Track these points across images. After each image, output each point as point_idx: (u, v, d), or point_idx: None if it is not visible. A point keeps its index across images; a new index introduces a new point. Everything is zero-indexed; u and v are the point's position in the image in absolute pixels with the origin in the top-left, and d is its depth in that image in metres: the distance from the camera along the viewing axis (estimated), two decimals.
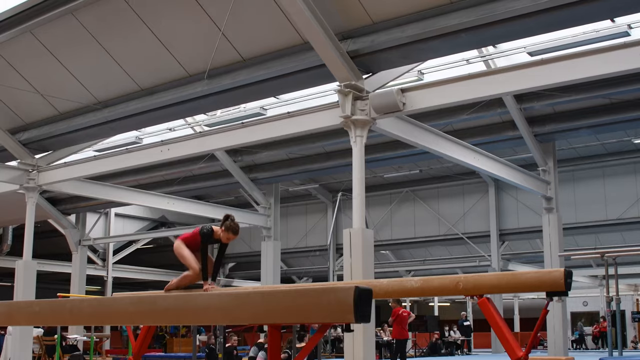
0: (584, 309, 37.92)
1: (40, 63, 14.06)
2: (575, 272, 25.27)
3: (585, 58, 9.88)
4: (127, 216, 30.26)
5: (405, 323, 15.50)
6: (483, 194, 25.94)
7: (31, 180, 16.41)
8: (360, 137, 10.90)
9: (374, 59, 11.05)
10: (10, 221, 25.79)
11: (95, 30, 12.92)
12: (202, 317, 4.05)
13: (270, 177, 21.78)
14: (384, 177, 26.23)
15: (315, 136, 17.40)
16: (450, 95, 10.96)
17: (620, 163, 23.29)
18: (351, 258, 10.50)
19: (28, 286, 16.13)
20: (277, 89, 13.42)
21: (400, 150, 18.35)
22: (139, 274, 32.10)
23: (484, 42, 12.03)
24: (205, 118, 18.71)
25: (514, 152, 20.69)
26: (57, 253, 29.11)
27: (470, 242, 26.40)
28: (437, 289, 6.41)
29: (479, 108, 15.53)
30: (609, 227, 23.78)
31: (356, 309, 3.23)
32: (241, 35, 11.97)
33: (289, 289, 3.71)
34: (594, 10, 9.37)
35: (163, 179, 22.56)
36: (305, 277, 32.91)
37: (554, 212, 17.16)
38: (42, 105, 15.23)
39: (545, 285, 5.29)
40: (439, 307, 37.31)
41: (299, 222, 30.71)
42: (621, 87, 14.46)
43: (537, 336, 5.69)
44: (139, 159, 15.46)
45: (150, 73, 13.51)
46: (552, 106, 16.66)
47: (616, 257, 16.36)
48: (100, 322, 4.77)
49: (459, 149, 13.69)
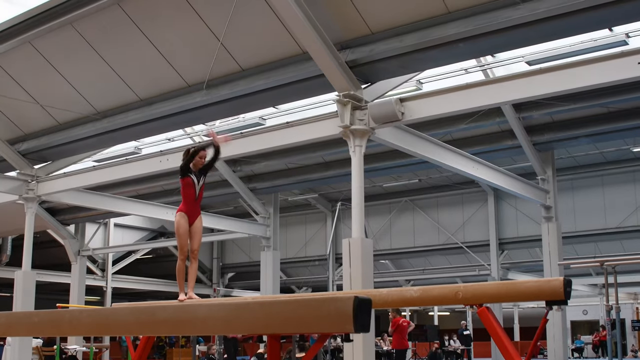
0: (584, 318, 37.85)
1: (39, 74, 14.08)
2: (575, 281, 25.13)
3: (584, 67, 9.90)
4: (127, 226, 30.20)
5: (405, 333, 15.45)
6: (482, 203, 25.92)
7: (30, 190, 16.42)
8: (359, 146, 10.91)
9: (372, 68, 11.08)
10: (10, 231, 25.75)
11: (95, 41, 12.94)
12: (201, 327, 4.05)
13: (270, 187, 21.77)
14: (383, 186, 26.22)
15: (314, 146, 17.39)
16: (449, 104, 10.98)
17: (619, 172, 23.26)
18: (350, 268, 10.49)
19: (27, 296, 16.11)
20: (276, 98, 13.43)
21: (399, 160, 18.35)
22: (138, 284, 32.03)
23: (482, 52, 12.05)
24: (204, 128, 18.71)
25: (513, 161, 20.69)
26: (56, 263, 29.06)
27: (469, 251, 26.36)
28: (437, 298, 6.43)
29: (477, 117, 15.53)
30: (609, 235, 23.73)
31: (355, 319, 3.23)
32: (240, 46, 12.00)
33: (288, 299, 3.71)
34: (592, 20, 9.41)
35: (162, 189, 22.52)
36: (304, 287, 32.83)
37: (553, 221, 17.14)
38: (41, 115, 15.24)
39: (545, 294, 5.30)
40: (439, 316, 37.22)
41: (299, 231, 30.67)
42: (619, 95, 14.46)
43: (537, 345, 5.69)
44: (138, 169, 15.47)
45: (149, 83, 13.53)
46: (551, 115, 16.67)
47: (616, 266, 16.25)
48: (99, 333, 4.75)
49: (458, 158, 13.69)
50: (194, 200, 7.46)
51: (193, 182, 7.43)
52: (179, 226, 7.37)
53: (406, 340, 15.61)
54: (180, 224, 7.36)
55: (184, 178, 7.42)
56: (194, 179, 7.44)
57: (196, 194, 7.44)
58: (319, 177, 21.06)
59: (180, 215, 7.40)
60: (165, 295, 33.48)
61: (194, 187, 7.43)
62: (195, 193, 7.44)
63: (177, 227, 7.38)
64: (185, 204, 7.45)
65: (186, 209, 7.43)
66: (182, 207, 7.44)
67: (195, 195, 7.44)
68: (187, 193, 7.43)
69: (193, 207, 7.47)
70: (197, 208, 7.54)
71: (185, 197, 7.46)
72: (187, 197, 7.45)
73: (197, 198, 7.47)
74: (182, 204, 7.47)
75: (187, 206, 7.44)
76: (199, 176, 7.49)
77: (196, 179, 7.45)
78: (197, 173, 7.48)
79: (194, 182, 7.43)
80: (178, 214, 7.42)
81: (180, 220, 7.37)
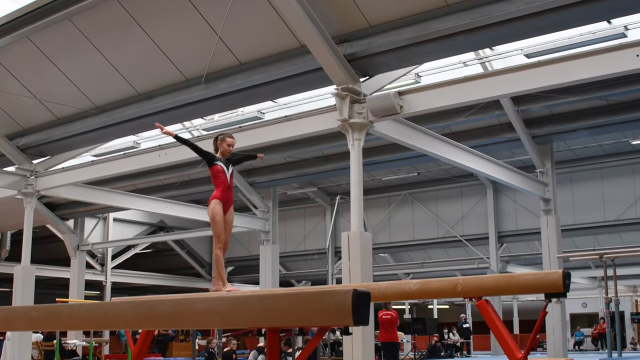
0: (583, 311, 37.91)
1: (37, 68, 14.06)
2: (574, 274, 25.19)
3: (582, 60, 9.89)
4: (126, 221, 30.22)
5: (389, 326, 15.25)
6: (481, 196, 25.95)
7: (29, 185, 16.41)
8: (357, 140, 10.91)
9: (370, 62, 11.07)
10: (9, 226, 25.75)
11: (93, 36, 12.92)
12: (200, 321, 4.05)
13: (269, 180, 21.79)
14: (382, 180, 26.25)
15: (313, 139, 17.39)
16: (447, 97, 10.97)
17: (618, 164, 23.29)
18: (350, 261, 10.49)
19: (26, 291, 16.11)
20: (274, 92, 13.42)
21: (398, 153, 18.36)
22: (137, 279, 32.05)
23: (480, 45, 12.04)
24: (202, 122, 18.71)
25: (511, 154, 20.70)
26: (55, 258, 29.07)
27: (468, 244, 26.40)
28: (436, 291, 6.42)
29: (476, 110, 15.53)
30: (608, 228, 23.77)
31: (355, 312, 3.23)
32: (238, 39, 11.98)
33: (287, 292, 3.71)
34: (591, 12, 9.39)
35: (161, 184, 22.54)
36: (304, 280, 32.88)
37: (552, 213, 17.16)
38: (39, 110, 15.22)
39: (544, 287, 5.30)
40: (438, 309, 37.26)
41: (298, 225, 30.70)
42: (618, 88, 14.48)
43: (536, 338, 5.69)
44: (136, 164, 15.46)
45: (147, 78, 13.51)
46: (550, 108, 16.68)
47: (615, 258, 16.36)
48: (98, 327, 4.76)
49: (456, 151, 13.70)
50: (227, 187, 7.24)
51: (222, 168, 7.23)
52: (215, 214, 7.14)
53: (391, 333, 15.39)
54: (216, 211, 7.15)
55: (212, 167, 7.23)
56: (222, 165, 7.24)
57: (228, 180, 7.23)
58: (317, 171, 21.08)
59: (215, 203, 7.18)
60: (164, 289, 33.53)
61: (225, 173, 7.23)
62: (227, 179, 7.23)
63: (213, 214, 7.15)
64: (219, 191, 7.22)
65: (220, 196, 7.21)
66: (217, 194, 7.21)
67: (227, 182, 7.22)
68: (219, 180, 7.21)
69: (227, 195, 7.25)
70: (230, 196, 7.32)
71: (217, 184, 7.23)
72: (219, 185, 7.22)
73: (230, 185, 7.26)
74: (216, 191, 7.22)
75: (221, 193, 7.22)
76: (227, 164, 7.29)
77: (224, 166, 7.25)
78: (225, 162, 7.30)
79: (223, 169, 7.23)
80: (213, 202, 7.20)
81: (216, 207, 7.16)
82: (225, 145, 7.31)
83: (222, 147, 7.31)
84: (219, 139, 7.36)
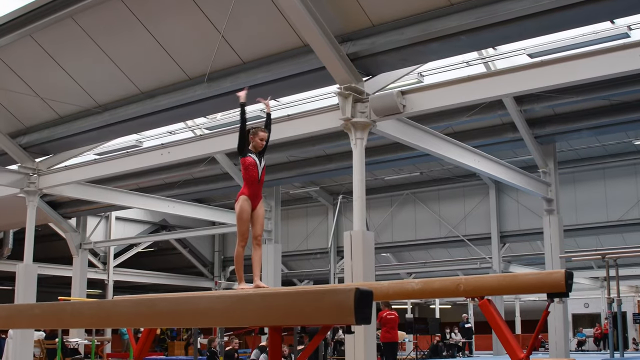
0: (585, 311, 37.86)
1: (40, 67, 14.07)
2: (576, 274, 25.22)
3: (585, 59, 9.89)
4: (128, 219, 30.23)
5: (391, 326, 15.25)
6: (484, 196, 25.92)
7: (32, 184, 16.42)
8: (360, 139, 10.90)
9: (373, 61, 11.07)
10: (11, 225, 25.78)
11: (95, 34, 12.93)
12: (202, 319, 4.04)
13: (271, 180, 21.72)
14: (385, 179, 26.22)
15: (315, 139, 17.38)
16: (450, 97, 10.97)
17: (620, 164, 23.25)
18: (352, 260, 10.49)
19: (29, 290, 16.13)
20: (277, 91, 13.41)
21: (401, 153, 18.33)
22: (139, 278, 32.07)
23: (483, 44, 12.02)
24: (205, 121, 18.70)
25: (514, 154, 20.68)
26: (57, 257, 29.09)
27: (471, 244, 26.37)
28: (438, 290, 6.43)
29: (479, 110, 15.51)
30: (610, 228, 23.73)
31: (357, 311, 3.23)
32: (241, 38, 11.98)
33: (289, 290, 3.70)
34: (594, 12, 9.38)
35: (163, 182, 22.53)
36: (306, 279, 32.86)
37: (554, 213, 17.14)
38: (42, 108, 15.24)
39: (546, 287, 5.29)
40: (440, 309, 37.23)
41: (300, 224, 30.68)
42: (621, 88, 14.44)
43: (538, 338, 5.69)
44: (139, 162, 15.47)
45: (150, 76, 13.52)
46: (553, 108, 16.65)
47: (617, 259, 16.35)
48: (100, 325, 4.77)
49: (459, 151, 13.69)
50: (257, 182, 7.11)
51: (255, 161, 7.11)
52: (242, 211, 7.00)
53: (392, 334, 15.41)
54: (244, 209, 7.00)
55: (245, 157, 7.08)
56: (255, 159, 7.12)
57: (259, 174, 7.11)
58: (320, 170, 21.05)
59: (243, 199, 7.04)
60: (166, 288, 33.54)
61: (257, 167, 7.11)
62: (258, 174, 7.10)
63: (240, 212, 7.00)
64: (248, 187, 7.09)
65: (249, 192, 7.08)
66: (245, 190, 7.09)
67: (258, 177, 7.09)
68: (250, 174, 7.07)
69: (256, 190, 7.13)
70: (260, 191, 7.19)
71: (247, 179, 7.09)
72: (249, 179, 7.08)
73: (260, 180, 7.14)
74: (245, 187, 7.10)
75: (250, 189, 7.09)
76: (259, 158, 7.18)
77: (257, 160, 7.14)
78: (257, 155, 7.18)
79: (256, 162, 7.11)
80: (241, 198, 7.05)
81: (244, 204, 7.02)
82: (258, 140, 7.19)
83: (255, 140, 7.19)
84: (252, 132, 7.21)
